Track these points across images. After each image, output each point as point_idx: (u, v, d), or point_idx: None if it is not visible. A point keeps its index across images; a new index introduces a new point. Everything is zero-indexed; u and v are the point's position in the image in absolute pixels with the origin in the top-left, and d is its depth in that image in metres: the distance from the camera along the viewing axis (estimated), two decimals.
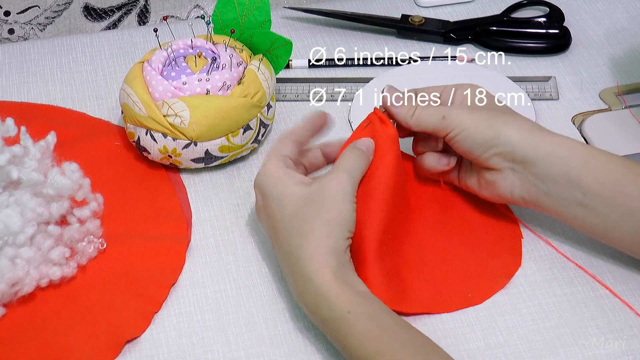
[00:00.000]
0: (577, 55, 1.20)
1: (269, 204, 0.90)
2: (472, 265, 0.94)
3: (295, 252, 0.86)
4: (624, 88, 1.14)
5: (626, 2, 1.27)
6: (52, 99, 1.14)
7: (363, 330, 0.81)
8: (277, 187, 0.89)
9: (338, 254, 0.85)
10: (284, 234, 0.88)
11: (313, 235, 0.85)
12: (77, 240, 0.94)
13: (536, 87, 1.14)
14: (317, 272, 0.84)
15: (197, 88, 1.00)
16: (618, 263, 0.94)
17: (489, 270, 0.94)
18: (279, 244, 0.89)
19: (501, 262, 0.95)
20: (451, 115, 0.92)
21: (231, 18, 1.06)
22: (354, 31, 1.24)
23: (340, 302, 0.82)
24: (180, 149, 1.00)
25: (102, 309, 0.90)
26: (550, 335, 0.89)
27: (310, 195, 0.87)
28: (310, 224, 0.86)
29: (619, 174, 0.88)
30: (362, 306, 0.83)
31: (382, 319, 0.82)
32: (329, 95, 1.14)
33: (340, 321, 0.82)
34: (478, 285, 0.93)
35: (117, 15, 1.27)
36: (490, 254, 0.95)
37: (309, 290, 0.84)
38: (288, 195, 0.88)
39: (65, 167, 0.95)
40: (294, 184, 0.89)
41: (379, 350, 0.80)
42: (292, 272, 0.86)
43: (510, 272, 0.94)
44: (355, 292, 0.84)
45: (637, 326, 0.89)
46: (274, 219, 0.89)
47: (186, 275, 0.94)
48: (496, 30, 1.21)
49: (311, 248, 0.85)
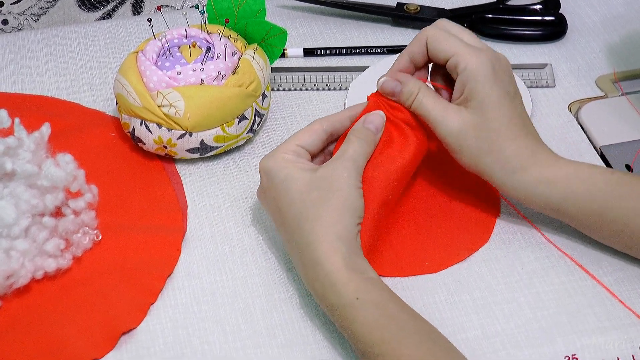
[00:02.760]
0: (573, 42, 1.19)
1: (275, 186, 0.89)
2: (437, 235, 0.95)
3: (305, 237, 0.86)
4: (620, 75, 1.14)
5: None
6: (46, 89, 1.14)
7: (370, 318, 0.81)
8: (283, 171, 0.89)
9: (348, 239, 0.86)
10: (292, 218, 0.88)
11: (322, 220, 0.86)
12: (72, 231, 0.93)
13: (532, 74, 1.14)
14: (326, 258, 0.84)
15: (192, 78, 1.00)
16: (611, 254, 0.94)
17: (452, 242, 0.95)
18: (287, 228, 0.88)
19: (468, 236, 0.96)
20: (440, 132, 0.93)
21: (225, 7, 1.06)
22: (349, 20, 1.23)
23: (348, 289, 0.83)
24: (175, 139, 1.00)
25: (97, 301, 0.90)
26: (547, 324, 0.89)
27: (317, 181, 0.88)
28: (319, 210, 0.86)
29: (601, 202, 0.89)
30: (370, 293, 0.83)
31: (389, 307, 0.83)
32: (324, 84, 1.13)
33: (348, 308, 0.82)
34: (437, 254, 0.94)
35: (112, 5, 1.27)
36: (459, 227, 0.97)
37: (319, 276, 0.84)
38: (295, 180, 0.88)
39: (59, 159, 0.95)
40: (300, 169, 0.89)
41: (384, 338, 0.80)
42: (302, 257, 0.86)
43: (474, 247, 0.95)
44: (364, 278, 0.84)
45: (634, 315, 0.89)
46: (280, 202, 0.89)
47: (182, 266, 0.94)
48: (492, 17, 1.20)
49: (321, 233, 0.85)
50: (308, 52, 1.18)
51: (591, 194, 0.89)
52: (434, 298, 0.91)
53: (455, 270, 0.93)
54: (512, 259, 0.94)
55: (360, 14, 1.23)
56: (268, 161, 0.91)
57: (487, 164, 0.91)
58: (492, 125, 0.90)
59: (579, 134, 1.07)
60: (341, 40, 1.20)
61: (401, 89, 0.93)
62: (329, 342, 0.87)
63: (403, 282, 0.92)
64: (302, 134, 0.92)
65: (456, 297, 0.91)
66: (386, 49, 1.18)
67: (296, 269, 0.90)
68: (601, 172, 0.90)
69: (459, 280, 0.93)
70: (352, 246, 0.86)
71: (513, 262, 0.94)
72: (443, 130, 0.91)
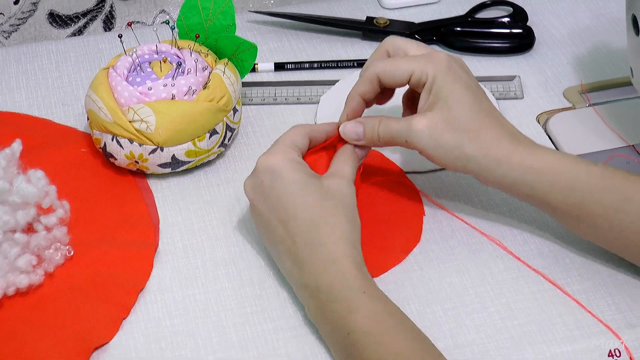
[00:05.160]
0: (541, 54, 1.20)
1: (283, 185, 0.90)
2: (370, 241, 0.96)
3: (320, 237, 0.88)
4: (588, 86, 1.15)
5: (589, 1, 1.28)
6: (17, 106, 1.14)
7: (375, 310, 0.84)
8: (296, 174, 0.90)
9: (359, 251, 0.89)
10: (308, 219, 0.89)
11: (339, 227, 0.89)
12: (44, 247, 0.93)
13: (501, 86, 1.15)
14: (342, 257, 0.87)
15: (163, 93, 1.00)
16: (578, 264, 0.95)
17: (386, 245, 0.97)
18: (295, 227, 0.89)
19: (400, 238, 0.98)
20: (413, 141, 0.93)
21: (196, 23, 1.06)
22: (320, 34, 1.24)
23: (357, 284, 0.86)
24: (147, 154, 1.00)
25: (70, 316, 0.90)
26: (517, 333, 0.89)
27: (329, 192, 0.90)
28: (336, 218, 0.89)
29: (581, 194, 0.90)
30: (375, 291, 0.86)
31: (390, 305, 0.86)
32: (295, 98, 1.14)
33: (354, 299, 0.85)
34: (375, 259, 0.94)
35: (83, 22, 1.27)
36: (391, 230, 0.99)
37: (330, 271, 0.87)
38: (308, 184, 0.90)
39: (31, 175, 0.95)
40: (311, 175, 0.91)
41: (384, 329, 0.83)
42: (311, 254, 0.88)
43: (408, 248, 0.97)
44: (370, 280, 0.88)
45: (602, 323, 0.90)
46: (290, 202, 0.90)
47: (154, 281, 0.94)
48: (461, 30, 1.21)
49: (338, 238, 0.88)
50: (279, 67, 1.19)
51: (572, 185, 0.90)
52: (405, 309, 0.91)
53: (426, 281, 0.94)
54: (482, 269, 0.95)
55: (330, 28, 1.24)
56: (274, 160, 0.91)
57: (469, 155, 0.91)
58: (462, 117, 0.91)
59: (548, 144, 1.08)
60: (312, 54, 1.21)
61: (363, 128, 0.95)
62: (302, 355, 0.88)
63: None
64: (294, 135, 0.94)
65: (427, 308, 0.92)
66: (356, 62, 1.19)
67: (285, 262, 0.91)
68: (584, 164, 0.91)
69: (430, 291, 0.93)
70: (360, 257, 0.89)
71: (483, 272, 0.95)
72: (413, 136, 0.92)
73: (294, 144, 0.93)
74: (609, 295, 0.92)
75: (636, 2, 0.97)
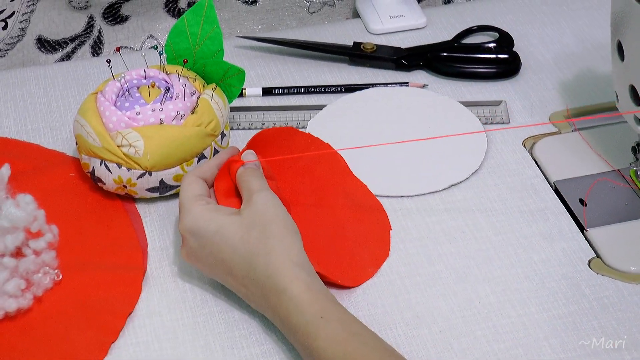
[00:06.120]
0: (527, 79, 1.21)
1: (208, 241, 0.91)
2: (340, 257, 0.97)
3: (262, 271, 0.87)
4: (573, 111, 1.16)
5: (574, 27, 1.29)
6: (6, 131, 1.14)
7: (333, 333, 0.83)
8: (212, 224, 0.91)
9: (304, 264, 0.88)
10: (242, 261, 0.89)
11: (275, 252, 0.88)
12: (32, 271, 0.93)
13: (487, 111, 1.16)
14: (290, 284, 0.86)
15: (151, 118, 1.01)
16: (565, 287, 0.96)
17: (355, 261, 0.98)
18: (238, 272, 0.89)
19: (369, 253, 0.99)
20: None
21: (184, 48, 1.07)
22: (307, 59, 1.25)
23: (313, 308, 0.85)
24: (135, 178, 1.00)
25: (58, 340, 0.90)
26: (504, 357, 0.90)
27: (249, 220, 0.90)
28: (267, 244, 0.88)
29: None
30: (334, 313, 0.85)
31: (353, 325, 0.85)
32: (282, 123, 1.15)
33: (311, 325, 0.84)
34: (345, 276, 0.95)
35: (71, 47, 1.27)
36: (361, 246, 0.99)
37: (283, 301, 0.86)
38: (228, 227, 0.90)
39: (19, 199, 0.95)
40: (227, 214, 0.91)
41: (347, 351, 0.82)
42: (263, 290, 0.88)
43: (378, 263, 0.98)
44: (327, 299, 0.86)
45: (589, 346, 0.90)
46: (221, 253, 0.90)
47: (143, 305, 0.94)
48: (447, 56, 1.22)
49: (278, 263, 0.87)
50: (266, 92, 1.19)
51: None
52: (392, 332, 0.91)
53: (413, 305, 0.94)
54: (469, 292, 0.95)
55: (317, 53, 1.24)
56: (188, 221, 0.92)
57: None
58: None
59: (534, 169, 1.09)
60: (299, 79, 1.21)
61: None
62: None
63: (362, 318, 0.92)
64: (188, 187, 0.94)
65: (414, 332, 0.92)
66: (343, 87, 1.19)
67: (254, 305, 0.91)
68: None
69: (417, 315, 0.94)
70: (309, 269, 0.88)
71: (470, 295, 0.95)
72: None
73: (195, 195, 0.94)
74: (595, 319, 0.93)
75: (621, 29, 0.98)
